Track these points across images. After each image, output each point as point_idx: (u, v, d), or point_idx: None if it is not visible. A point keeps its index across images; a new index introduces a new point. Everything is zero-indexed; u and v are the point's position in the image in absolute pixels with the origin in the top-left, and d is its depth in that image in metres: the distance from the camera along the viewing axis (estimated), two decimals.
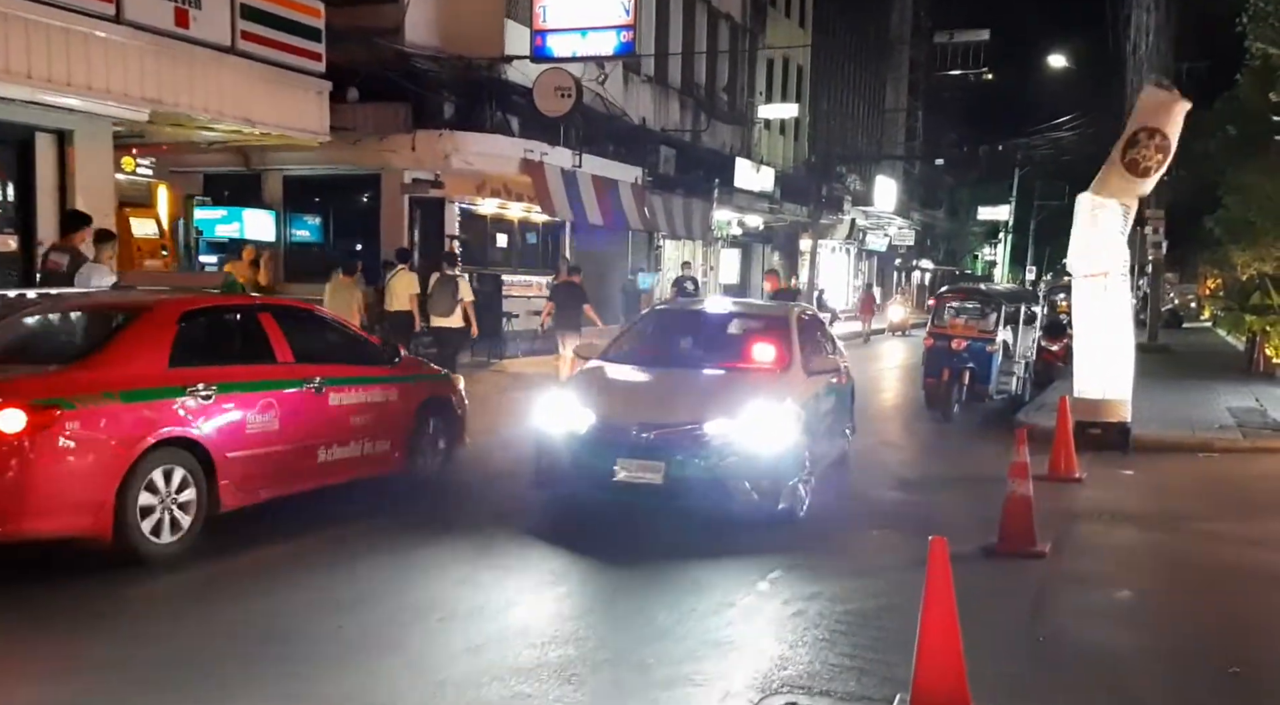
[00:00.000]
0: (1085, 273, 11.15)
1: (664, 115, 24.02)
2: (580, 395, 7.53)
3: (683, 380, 7.82)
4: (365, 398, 7.44)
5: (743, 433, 6.91)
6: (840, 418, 9.05)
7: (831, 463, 8.63)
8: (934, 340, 14.00)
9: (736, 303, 10.76)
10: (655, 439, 6.92)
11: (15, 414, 5.36)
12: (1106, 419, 11.01)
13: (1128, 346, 11.05)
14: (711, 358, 8.24)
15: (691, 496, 6.96)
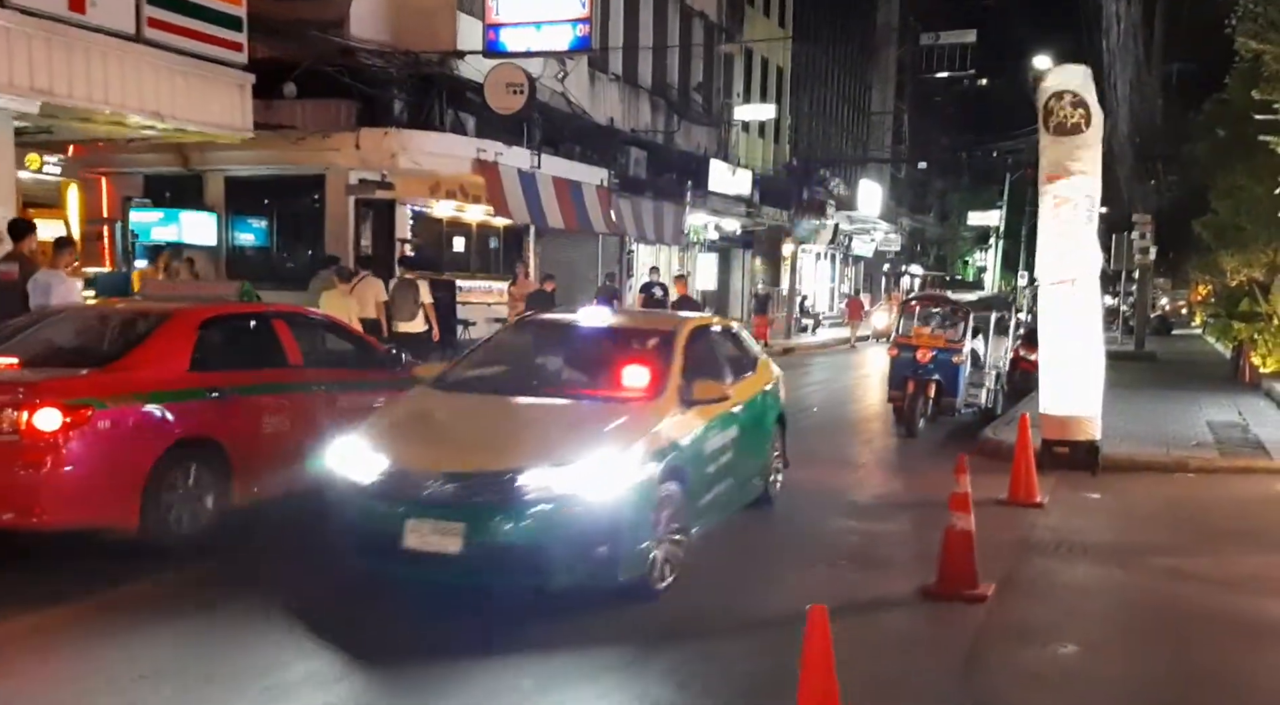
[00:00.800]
0: (1051, 279, 10.44)
1: (634, 116, 23.30)
2: (379, 432, 5.96)
3: (516, 413, 6.27)
4: (371, 402, 7.63)
5: (573, 483, 5.33)
6: (750, 454, 7.43)
7: (742, 508, 7.42)
8: (898, 350, 13.28)
9: (620, 314, 9.02)
10: (456, 492, 5.36)
11: (52, 413, 5.79)
12: (1074, 437, 10.29)
13: (1097, 359, 10.33)
14: (569, 383, 6.89)
15: (498, 570, 5.34)
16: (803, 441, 12.52)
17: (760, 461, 7.82)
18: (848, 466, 10.79)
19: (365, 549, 5.62)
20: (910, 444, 12.33)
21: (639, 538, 5.54)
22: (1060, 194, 10.27)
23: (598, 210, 19.77)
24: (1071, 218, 10.19)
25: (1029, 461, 8.90)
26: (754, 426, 7.59)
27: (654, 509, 5.68)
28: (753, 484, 7.66)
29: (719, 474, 6.74)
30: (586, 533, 5.32)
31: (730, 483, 6.98)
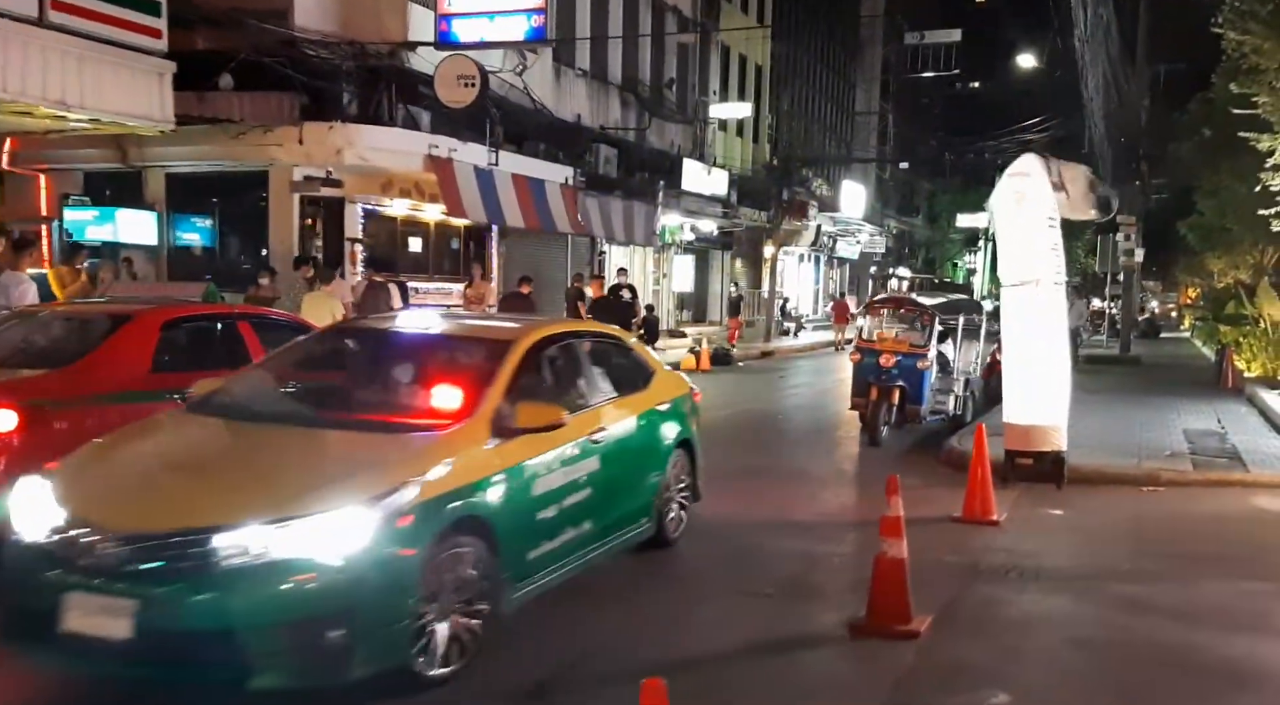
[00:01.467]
0: (1013, 280, 9.83)
1: (602, 112, 22.66)
2: (74, 471, 4.73)
3: (262, 448, 4.99)
4: None
5: (297, 544, 4.09)
6: (627, 489, 6.24)
7: (615, 555, 6.20)
8: (861, 355, 12.67)
9: (451, 321, 7.28)
10: (130, 557, 4.09)
11: (7, 414, 5.76)
12: (1038, 448, 9.67)
13: (1061, 365, 9.71)
14: (356, 406, 5.63)
15: (178, 661, 4.05)
16: (758, 452, 12.00)
17: (645, 498, 6.52)
18: (799, 479, 10.16)
19: (15, 628, 4.28)
20: (873, 454, 11.72)
21: (395, 615, 4.25)
22: (1020, 188, 9.68)
23: (562, 209, 19.13)
24: (1035, 216, 9.60)
25: (985, 475, 8.29)
26: (634, 455, 6.40)
27: (426, 574, 4.39)
28: (633, 526, 6.34)
29: (565, 518, 5.46)
30: (311, 612, 4.05)
31: (589, 527, 5.71)
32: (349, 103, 15.24)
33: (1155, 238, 43.05)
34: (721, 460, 11.16)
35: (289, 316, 8.99)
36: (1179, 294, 66.68)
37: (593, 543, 5.81)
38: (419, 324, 6.62)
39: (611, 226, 21.32)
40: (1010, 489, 9.47)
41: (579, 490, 5.61)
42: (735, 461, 11.19)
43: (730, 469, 10.60)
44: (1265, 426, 13.17)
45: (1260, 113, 12.78)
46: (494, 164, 17.03)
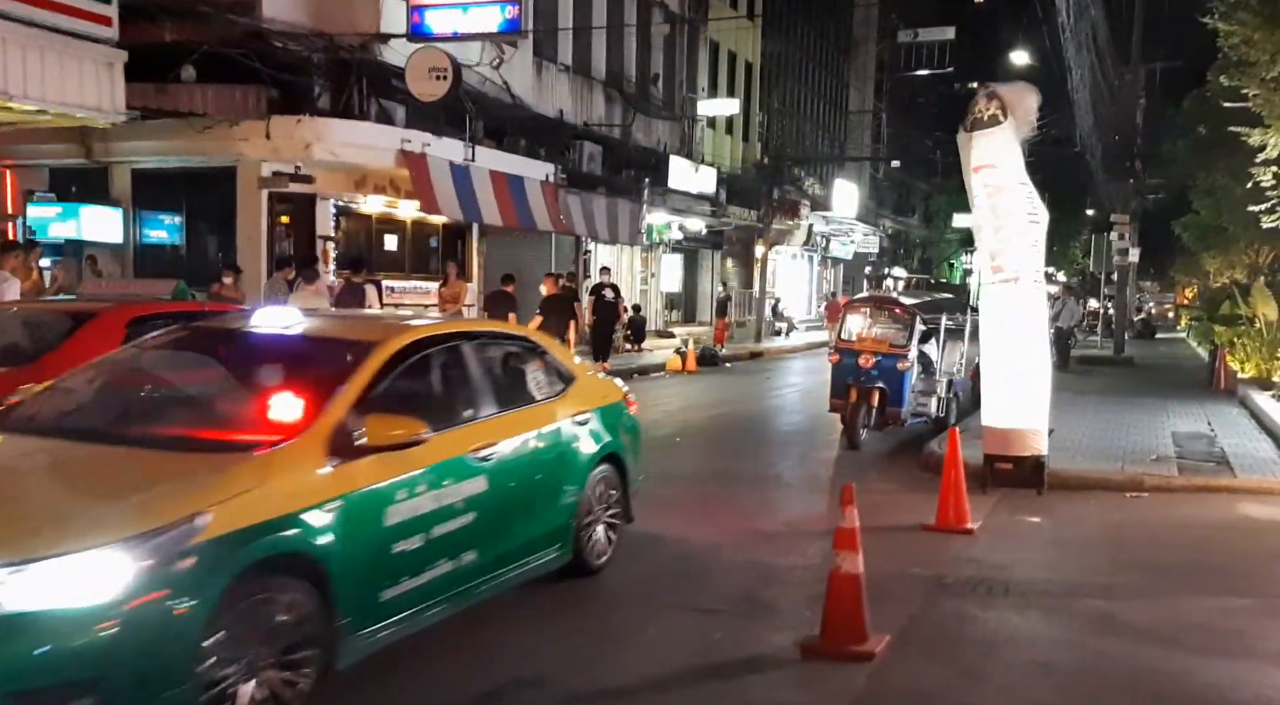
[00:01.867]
0: (991, 278, 9.47)
1: (586, 109, 22.29)
2: None
3: (31, 469, 4.26)
4: None
5: (35, 594, 3.38)
6: (526, 512, 5.46)
7: (517, 586, 5.52)
8: (840, 356, 12.31)
9: (313, 319, 5.96)
10: None
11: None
12: (1018, 452, 9.31)
13: (1042, 367, 9.34)
14: (172, 418, 4.87)
15: None
16: (731, 455, 11.62)
17: (556, 521, 5.73)
18: (769, 484, 9.79)
19: None
20: (851, 457, 11.36)
21: (170, 678, 3.50)
22: (991, 182, 9.30)
23: (543, 207, 18.76)
24: (1011, 210, 9.23)
25: (958, 481, 7.92)
26: (540, 473, 5.63)
27: (223, 625, 3.64)
28: (539, 553, 5.58)
29: (435, 550, 4.69)
30: (51, 679, 3.34)
31: (473, 559, 4.95)
32: (319, 96, 14.87)
33: (1152, 238, 42.74)
34: (690, 464, 10.88)
35: None
36: (1176, 294, 66.37)
37: (479, 576, 5.06)
38: (273, 323, 5.52)
39: (595, 225, 20.95)
40: (989, 495, 9.13)
41: (456, 516, 4.84)
42: (705, 466, 10.87)
43: (698, 474, 10.29)
44: (1256, 429, 12.81)
45: (1250, 106, 12.42)
46: (470, 160, 16.67)
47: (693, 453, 11.69)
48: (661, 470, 10.34)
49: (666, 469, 10.57)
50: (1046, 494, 9.21)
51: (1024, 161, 9.34)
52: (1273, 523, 8.30)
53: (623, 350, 23.27)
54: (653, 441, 12.48)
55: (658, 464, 10.91)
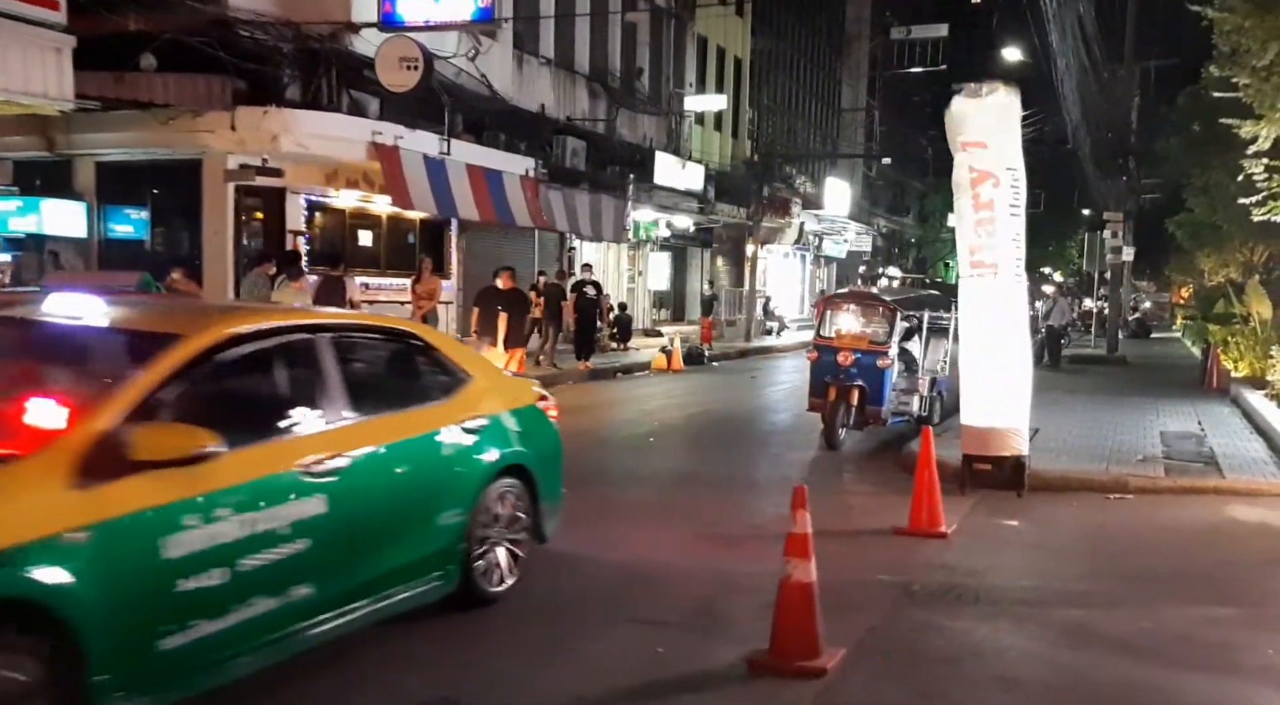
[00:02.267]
0: (970, 268, 9.10)
1: (569, 103, 21.91)
2: None
3: None
4: None
5: None
6: (390, 535, 4.72)
7: (382, 619, 4.77)
8: (818, 353, 11.93)
9: (116, 307, 4.80)
10: None
11: None
12: (997, 452, 8.95)
13: (1023, 363, 8.98)
14: None
15: None
16: (703, 456, 11.25)
17: (435, 544, 4.97)
18: (738, 486, 9.41)
19: None
20: (828, 458, 11.00)
21: None
22: (978, 166, 8.94)
23: (522, 202, 18.37)
24: (993, 198, 8.87)
25: (931, 483, 7.55)
26: (410, 489, 4.87)
27: None
28: (411, 583, 4.84)
29: (249, 585, 3.95)
30: None
31: (307, 593, 4.22)
32: (287, 87, 14.48)
33: (1148, 238, 42.43)
34: (659, 465, 10.52)
35: None
36: (1172, 294, 66.05)
37: (321, 613, 4.29)
38: (65, 309, 4.57)
39: (577, 221, 20.57)
40: (967, 497, 8.77)
41: (279, 544, 4.06)
42: (674, 466, 10.49)
43: (665, 475, 9.93)
44: (1247, 428, 12.45)
45: (1242, 97, 12.05)
46: (446, 153, 16.28)
47: (663, 453, 11.32)
48: (628, 471, 10.03)
49: (634, 469, 10.26)
50: (1027, 496, 8.85)
51: (1020, 146, 8.98)
52: (1261, 526, 7.93)
53: (609, 349, 22.91)
54: (624, 441, 12.21)
55: (625, 465, 10.65)
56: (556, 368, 18.87)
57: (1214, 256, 30.90)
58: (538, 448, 5.79)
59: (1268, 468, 9.61)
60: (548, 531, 5.92)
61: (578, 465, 10.41)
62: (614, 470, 10.00)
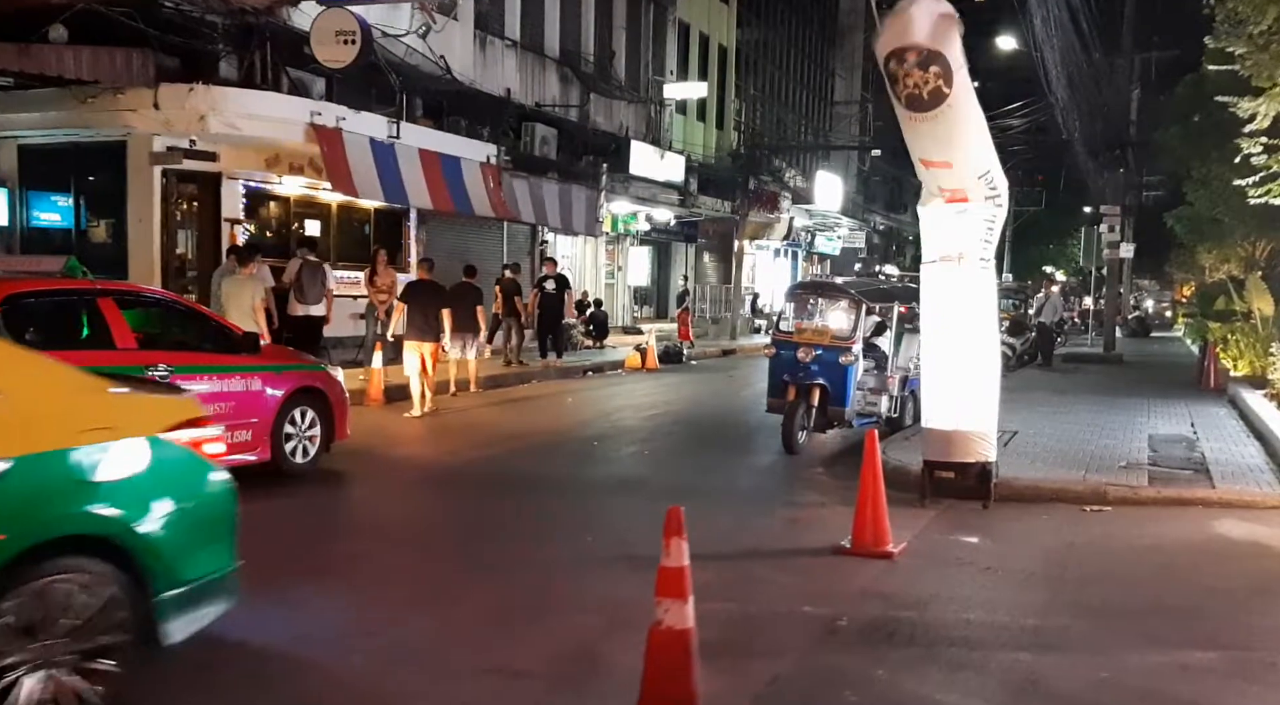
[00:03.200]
0: (931, 255, 8.17)
1: (538, 88, 20.96)
2: None
3: None
4: (221, 386, 7.51)
5: None
6: None
7: None
8: (777, 349, 11.00)
9: None
10: None
11: None
12: (961, 459, 8.02)
13: (989, 360, 8.04)
14: None
15: None
16: (649, 461, 10.27)
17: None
18: (672, 497, 8.44)
19: None
20: (785, 465, 10.07)
21: None
22: (947, 186, 7.93)
23: (482, 191, 17.45)
24: (963, 213, 7.90)
25: (875, 496, 6.61)
26: None
27: None
28: None
29: None
30: None
31: None
32: (220, 64, 13.55)
33: (1150, 235, 41.42)
34: (593, 472, 9.55)
35: (160, 293, 9.04)
36: (1174, 292, 64.99)
37: None
38: None
39: (545, 212, 19.61)
40: (927, 508, 7.86)
41: None
42: (609, 473, 9.55)
43: (596, 484, 9.02)
44: (1243, 431, 11.51)
45: (1239, 69, 11.12)
46: (395, 137, 15.35)
47: (605, 458, 10.40)
48: (557, 479, 9.11)
49: (565, 476, 9.36)
50: (993, 507, 7.95)
51: (989, 142, 7.92)
52: (1253, 545, 6.99)
53: (583, 347, 22.01)
54: (568, 444, 11.27)
55: (557, 471, 9.73)
56: (524, 365, 18.01)
57: (1215, 252, 29.94)
58: (148, 506, 3.81)
59: (1263, 476, 8.66)
60: (175, 631, 3.83)
61: (503, 471, 9.48)
62: (542, 477, 9.08)
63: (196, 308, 8.56)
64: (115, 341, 6.86)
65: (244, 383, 7.71)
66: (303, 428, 8.28)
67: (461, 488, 8.65)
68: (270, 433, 7.87)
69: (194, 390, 6.48)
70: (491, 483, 8.90)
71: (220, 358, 7.68)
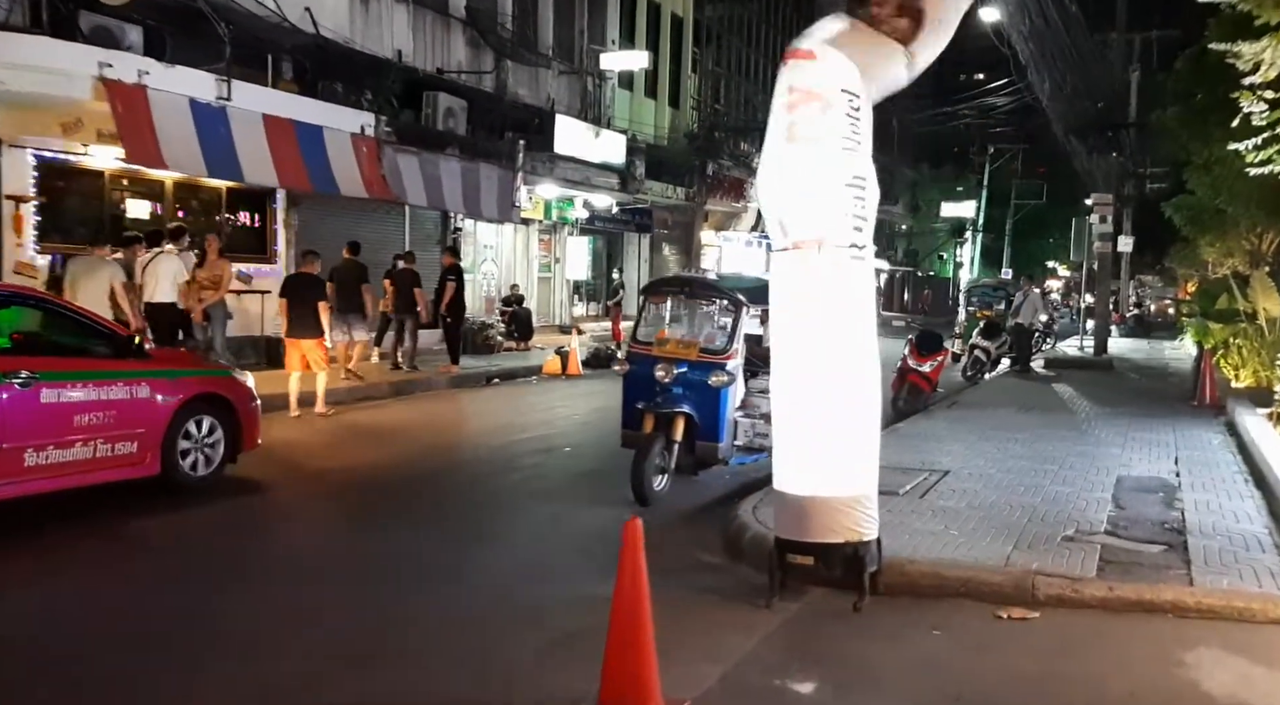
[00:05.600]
0: (781, 240, 5.63)
1: (440, 52, 18.36)
2: None
3: None
4: (97, 394, 6.94)
5: None
6: None
7: None
8: (631, 365, 8.46)
9: None
10: None
11: None
12: (820, 538, 5.47)
13: (864, 390, 5.48)
14: None
15: None
16: (458, 514, 7.62)
17: None
18: (426, 589, 5.90)
19: None
20: (622, 521, 7.49)
21: None
22: (800, 85, 5.47)
23: (353, 167, 14.88)
24: (815, 136, 5.38)
25: (637, 630, 4.06)
26: None
27: None
28: None
29: None
30: None
31: None
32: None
33: (1151, 229, 38.87)
34: (353, 543, 6.87)
35: (25, 290, 8.03)
36: (1178, 289, 62.33)
37: None
38: None
39: (441, 194, 17.01)
40: (774, 610, 5.36)
41: None
42: (370, 547, 6.85)
43: (355, 551, 6.49)
44: (1240, 472, 8.93)
45: (1239, 3, 8.57)
46: (226, 99, 12.79)
47: (406, 505, 7.89)
48: (318, 542, 6.65)
49: (326, 540, 6.85)
50: (871, 608, 5.41)
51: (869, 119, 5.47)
52: None
53: (503, 349, 19.51)
54: (379, 484, 8.67)
55: (326, 530, 7.25)
56: (417, 371, 15.55)
57: (1217, 245, 27.29)
58: None
59: (1264, 559, 6.04)
60: None
61: (245, 544, 6.58)
62: (294, 548, 6.57)
63: (74, 308, 7.73)
64: None
65: (128, 390, 7.13)
66: (200, 438, 7.72)
67: None
68: (160, 444, 7.34)
69: (67, 397, 6.68)
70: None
71: (98, 363, 7.09)
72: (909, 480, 8.16)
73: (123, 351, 7.24)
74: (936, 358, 14.03)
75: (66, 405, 6.70)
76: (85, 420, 6.81)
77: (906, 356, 13.99)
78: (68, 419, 6.71)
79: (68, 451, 6.72)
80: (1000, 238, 64.01)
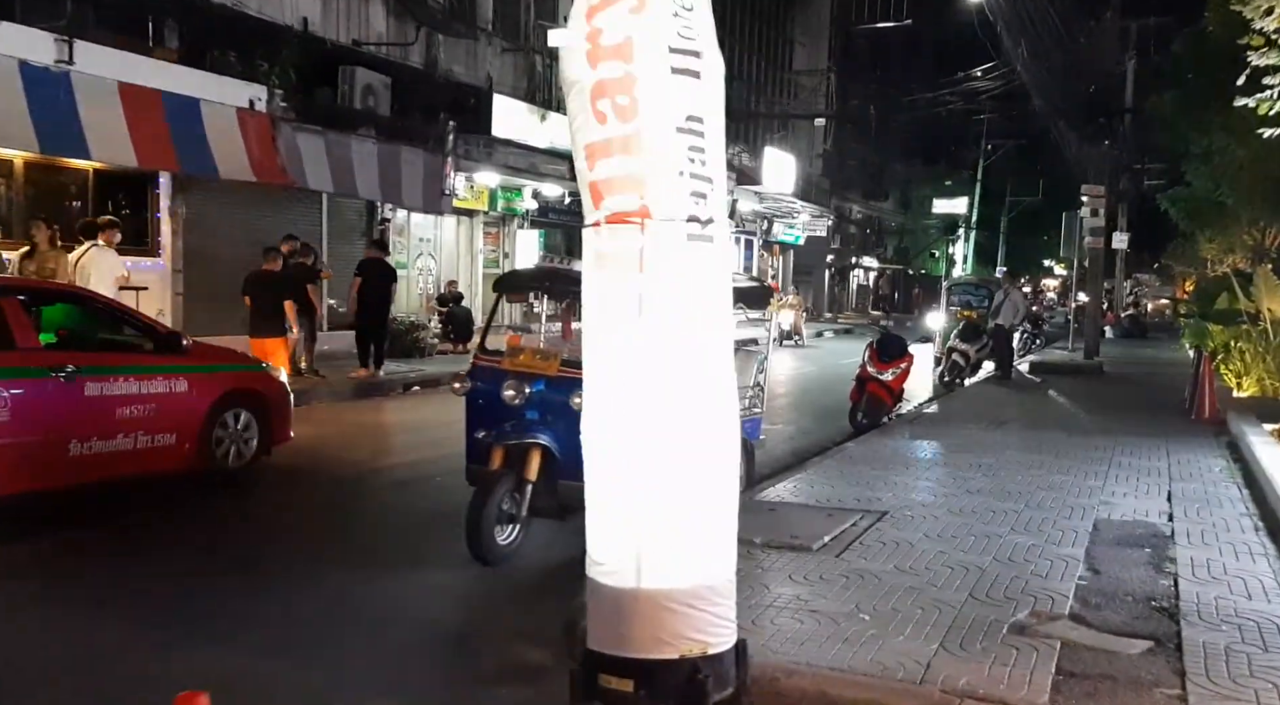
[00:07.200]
0: (594, 214, 3.90)
1: (357, 22, 16.58)
2: None
3: None
4: (138, 388, 7.15)
5: None
6: None
7: None
8: (473, 381, 6.70)
9: None
10: None
11: None
12: (646, 652, 3.69)
13: (713, 426, 3.70)
14: None
15: None
16: (203, 602, 4.92)
17: None
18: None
19: None
20: (459, 596, 5.81)
21: None
22: (604, 23, 3.73)
23: (238, 146, 13.09)
24: (624, 51, 3.63)
25: None
26: None
27: None
28: None
29: None
30: None
31: None
32: None
33: (1149, 226, 37.31)
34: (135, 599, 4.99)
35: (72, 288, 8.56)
36: (1176, 288, 60.68)
37: None
38: None
39: (353, 179, 15.20)
40: None
41: None
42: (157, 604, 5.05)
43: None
44: (1246, 512, 7.17)
45: None
46: (68, 61, 11.01)
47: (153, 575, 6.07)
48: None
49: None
50: None
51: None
52: None
53: (438, 352, 17.79)
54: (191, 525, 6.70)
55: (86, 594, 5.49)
56: (318, 376, 13.87)
57: (1217, 240, 25.63)
58: None
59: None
60: None
61: None
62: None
63: (116, 305, 7.98)
64: (16, 341, 6.55)
65: (167, 384, 7.36)
66: (236, 431, 7.94)
67: None
68: (198, 436, 7.55)
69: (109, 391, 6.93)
70: None
71: (139, 358, 7.39)
72: (832, 527, 6.42)
73: (163, 347, 7.48)
74: (900, 365, 12.32)
75: (111, 398, 6.93)
76: (129, 413, 7.03)
77: (866, 363, 12.30)
78: (110, 412, 6.92)
79: (110, 443, 6.92)
80: (995, 235, 62.47)
